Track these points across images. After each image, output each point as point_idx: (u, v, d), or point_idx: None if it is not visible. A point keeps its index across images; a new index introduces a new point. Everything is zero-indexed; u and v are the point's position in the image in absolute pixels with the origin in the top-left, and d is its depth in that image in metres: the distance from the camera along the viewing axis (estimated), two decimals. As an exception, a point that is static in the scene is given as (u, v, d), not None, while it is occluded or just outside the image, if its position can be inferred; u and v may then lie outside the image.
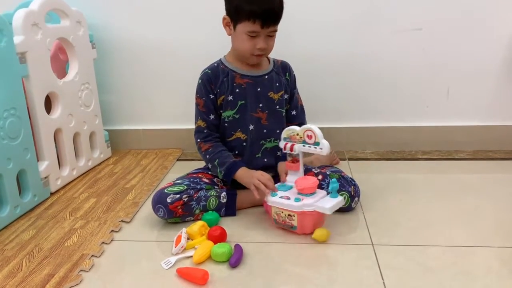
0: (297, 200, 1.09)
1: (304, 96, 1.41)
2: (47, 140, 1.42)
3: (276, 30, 1.21)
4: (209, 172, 1.31)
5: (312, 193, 1.11)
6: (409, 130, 1.73)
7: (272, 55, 1.34)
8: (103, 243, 1.12)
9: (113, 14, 1.74)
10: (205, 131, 1.29)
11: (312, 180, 1.12)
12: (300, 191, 1.11)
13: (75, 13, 1.56)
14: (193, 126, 1.81)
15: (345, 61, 1.69)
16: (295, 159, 1.18)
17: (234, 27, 1.21)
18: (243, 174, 1.21)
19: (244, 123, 1.28)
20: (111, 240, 1.14)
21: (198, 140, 1.30)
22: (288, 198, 1.10)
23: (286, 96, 1.34)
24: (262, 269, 0.99)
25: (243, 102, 1.28)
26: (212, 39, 1.72)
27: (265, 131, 1.29)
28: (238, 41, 1.23)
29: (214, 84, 1.27)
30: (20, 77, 1.30)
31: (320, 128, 1.11)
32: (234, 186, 1.29)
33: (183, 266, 1.00)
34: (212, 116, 1.29)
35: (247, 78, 1.28)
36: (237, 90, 1.27)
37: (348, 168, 1.58)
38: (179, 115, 1.83)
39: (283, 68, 1.35)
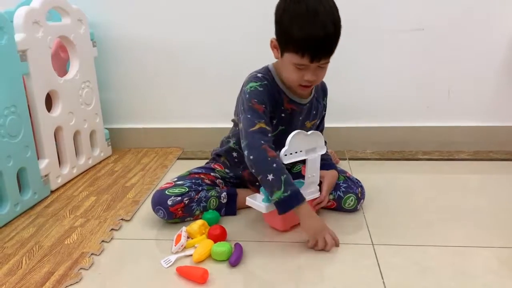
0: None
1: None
2: (48, 138, 1.42)
3: (328, 62, 1.06)
4: (211, 173, 1.28)
5: None
6: (409, 130, 1.73)
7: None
8: (103, 241, 1.12)
9: (114, 13, 1.74)
10: (269, 135, 1.08)
11: None
12: None
13: (76, 11, 1.56)
14: (192, 125, 1.84)
15: (345, 61, 1.69)
16: None
17: (282, 54, 1.07)
18: (309, 213, 1.04)
19: (277, 148, 1.18)
20: (111, 239, 1.14)
21: (262, 142, 1.05)
22: None
23: (317, 123, 1.28)
24: (262, 268, 0.99)
25: (283, 127, 1.17)
26: (213, 39, 1.72)
27: None
28: (285, 70, 1.09)
29: (270, 100, 1.13)
30: (21, 75, 1.30)
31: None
32: (235, 186, 1.28)
33: (183, 264, 1.00)
34: (270, 128, 1.11)
35: (293, 104, 1.16)
36: (283, 115, 1.16)
37: (348, 168, 1.58)
38: (180, 114, 1.84)
39: (323, 92, 1.27)
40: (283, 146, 1.05)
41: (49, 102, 1.45)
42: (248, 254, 1.03)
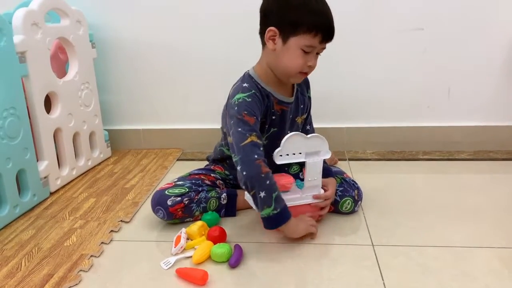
0: None
1: (304, 96, 1.41)
2: (47, 140, 1.41)
3: (325, 48, 1.11)
4: (212, 174, 1.28)
5: (285, 191, 1.09)
6: (410, 130, 1.73)
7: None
8: (102, 243, 1.12)
9: (113, 14, 1.74)
10: (261, 149, 1.06)
11: (285, 180, 1.10)
12: None
13: (75, 12, 1.56)
14: (192, 126, 1.84)
15: (345, 61, 1.69)
16: None
17: (285, 41, 1.07)
18: (294, 227, 1.07)
19: (268, 150, 1.18)
20: (111, 240, 1.14)
21: (256, 156, 1.03)
22: None
23: (305, 116, 1.28)
24: (262, 269, 0.98)
25: (275, 129, 1.18)
26: (212, 40, 1.72)
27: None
28: (288, 57, 1.08)
29: (261, 108, 1.13)
30: (20, 76, 1.30)
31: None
32: (235, 187, 1.28)
33: (183, 266, 0.99)
34: (261, 140, 1.10)
35: (282, 104, 1.17)
36: (273, 117, 1.17)
37: (348, 168, 1.57)
38: (179, 115, 1.83)
39: (306, 84, 1.27)
40: (271, 147, 1.07)
41: (48, 104, 1.45)
42: (248, 255, 1.03)
